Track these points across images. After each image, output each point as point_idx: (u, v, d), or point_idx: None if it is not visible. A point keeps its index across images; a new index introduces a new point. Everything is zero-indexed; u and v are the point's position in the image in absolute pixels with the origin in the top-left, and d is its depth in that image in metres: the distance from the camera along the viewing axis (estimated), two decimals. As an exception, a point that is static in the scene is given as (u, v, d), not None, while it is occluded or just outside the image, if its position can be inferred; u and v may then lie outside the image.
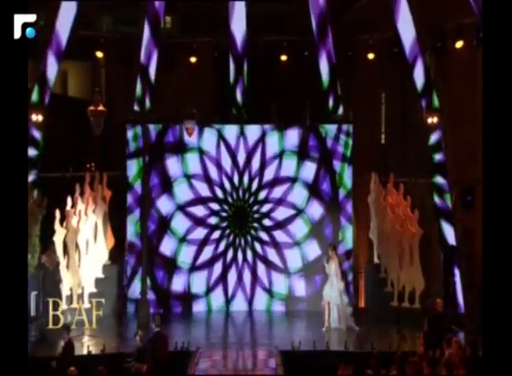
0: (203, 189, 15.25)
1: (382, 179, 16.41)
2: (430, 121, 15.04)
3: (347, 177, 15.96)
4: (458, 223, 15.03)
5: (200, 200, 14.78)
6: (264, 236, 15.02)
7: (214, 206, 15.25)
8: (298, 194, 15.47)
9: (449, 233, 15.34)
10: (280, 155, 16.03)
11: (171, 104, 16.00)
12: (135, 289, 15.65)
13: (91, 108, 14.03)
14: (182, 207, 14.94)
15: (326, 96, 16.78)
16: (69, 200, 15.30)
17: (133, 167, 15.71)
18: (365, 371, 9.00)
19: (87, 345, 12.82)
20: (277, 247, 14.56)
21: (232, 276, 14.03)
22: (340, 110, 16.89)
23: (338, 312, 14.10)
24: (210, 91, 17.05)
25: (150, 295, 13.69)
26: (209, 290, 13.58)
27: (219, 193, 15.62)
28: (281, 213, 15.05)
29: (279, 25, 17.99)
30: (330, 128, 16.17)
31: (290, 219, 14.61)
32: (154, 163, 15.05)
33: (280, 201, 14.64)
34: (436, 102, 15.02)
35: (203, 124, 16.34)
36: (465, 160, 15.12)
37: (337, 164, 16.03)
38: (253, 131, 16.23)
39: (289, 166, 15.82)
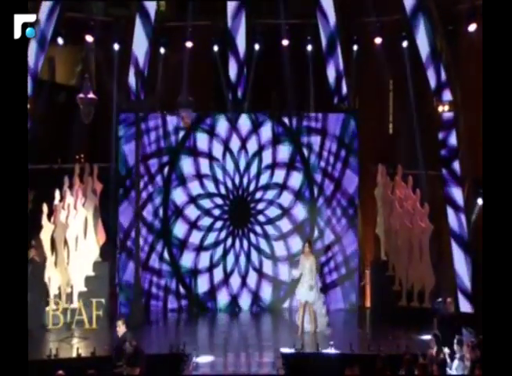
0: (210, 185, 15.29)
1: (390, 171, 16.39)
2: (441, 109, 15.03)
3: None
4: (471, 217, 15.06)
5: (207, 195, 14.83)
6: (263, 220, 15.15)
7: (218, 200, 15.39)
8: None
9: (462, 227, 15.35)
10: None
11: (166, 92, 16.03)
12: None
13: (81, 96, 14.01)
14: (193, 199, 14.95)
15: (331, 83, 16.81)
16: (57, 194, 15.31)
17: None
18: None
19: (76, 348, 12.85)
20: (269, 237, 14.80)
21: (230, 259, 14.43)
22: (345, 98, 16.91)
23: (311, 314, 13.92)
24: (208, 77, 17.03)
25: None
26: (212, 266, 13.89)
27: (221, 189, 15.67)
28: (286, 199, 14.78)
29: (281, 7, 17.91)
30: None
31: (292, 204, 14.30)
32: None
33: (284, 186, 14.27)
34: (448, 88, 15.07)
35: (200, 113, 16.31)
36: (479, 150, 15.05)
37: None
38: (251, 120, 16.23)
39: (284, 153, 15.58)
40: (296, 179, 14.10)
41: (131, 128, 15.79)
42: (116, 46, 15.68)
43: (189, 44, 16.03)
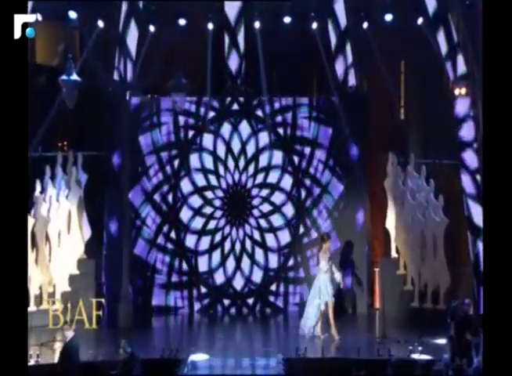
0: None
1: (401, 160, 16.41)
2: (457, 91, 14.98)
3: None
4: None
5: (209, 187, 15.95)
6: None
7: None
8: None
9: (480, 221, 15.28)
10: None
11: (158, 73, 16.01)
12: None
13: (64, 78, 13.89)
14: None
15: (336, 64, 16.81)
16: (37, 185, 15.24)
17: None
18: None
19: (59, 352, 12.71)
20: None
21: (227, 245, 15.80)
22: (352, 80, 16.85)
23: (319, 317, 14.05)
24: (203, 58, 16.78)
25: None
26: (212, 248, 15.36)
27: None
28: None
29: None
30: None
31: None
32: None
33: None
34: (465, 69, 14.97)
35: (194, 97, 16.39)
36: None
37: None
38: (251, 126, 16.52)
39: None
40: (287, 181, 15.47)
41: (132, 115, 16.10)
42: (101, 23, 15.53)
43: (182, 21, 15.86)
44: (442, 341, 12.79)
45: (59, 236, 15.74)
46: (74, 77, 13.98)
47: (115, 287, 15.93)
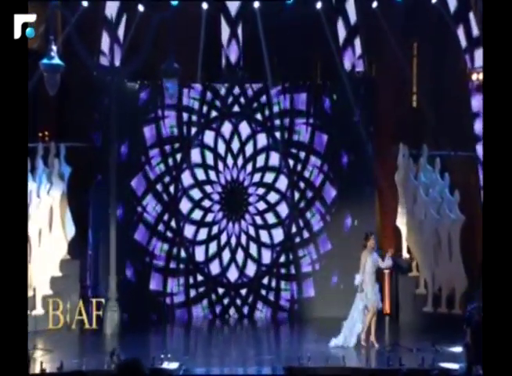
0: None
1: (413, 152, 16.45)
2: (475, 77, 15.06)
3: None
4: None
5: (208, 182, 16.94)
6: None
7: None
8: None
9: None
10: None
11: (148, 57, 15.90)
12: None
13: (45, 61, 13.74)
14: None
15: (342, 47, 16.79)
16: (16, 179, 15.19)
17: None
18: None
19: (40, 362, 12.63)
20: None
21: (223, 237, 16.89)
22: (360, 65, 16.82)
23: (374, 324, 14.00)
24: (197, 41, 16.79)
25: None
26: (210, 238, 16.54)
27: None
28: None
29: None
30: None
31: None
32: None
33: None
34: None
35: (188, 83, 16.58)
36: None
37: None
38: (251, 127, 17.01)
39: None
40: (283, 182, 16.61)
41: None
42: (85, 2, 15.51)
43: (174, 1, 15.76)
44: (458, 349, 12.78)
45: (40, 234, 15.67)
46: (56, 61, 13.83)
47: (102, 289, 15.96)
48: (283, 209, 16.71)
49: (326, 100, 16.82)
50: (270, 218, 16.76)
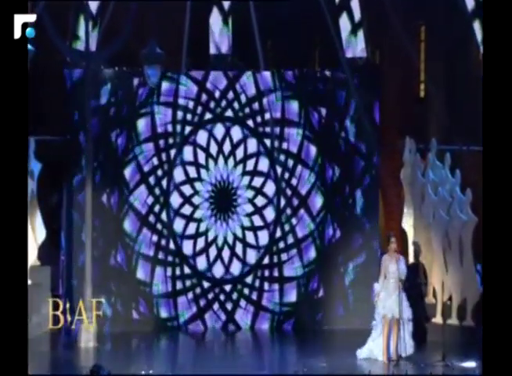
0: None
1: (420, 147, 16.54)
2: None
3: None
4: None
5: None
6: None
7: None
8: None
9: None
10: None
11: (128, 41, 15.84)
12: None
13: (14, 46, 13.61)
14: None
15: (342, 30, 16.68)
16: (-21, 176, 15.12)
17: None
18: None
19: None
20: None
21: (211, 234, 17.54)
22: (362, 50, 16.74)
23: (395, 334, 13.98)
24: (182, 24, 16.72)
25: None
26: (198, 234, 17.28)
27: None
28: None
29: None
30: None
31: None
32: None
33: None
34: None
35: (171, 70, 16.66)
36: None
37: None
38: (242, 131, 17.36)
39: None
40: (270, 188, 17.32)
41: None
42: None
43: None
44: (471, 364, 12.83)
45: (7, 237, 15.54)
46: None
47: (76, 299, 15.87)
48: (270, 213, 17.25)
49: (319, 110, 17.15)
50: (257, 220, 17.28)
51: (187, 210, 17.24)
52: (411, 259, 16.31)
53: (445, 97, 17.04)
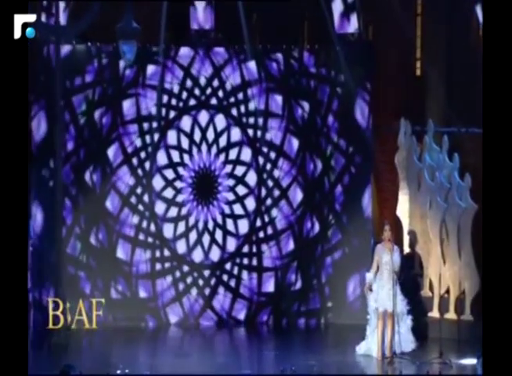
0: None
1: (416, 129, 16.50)
2: None
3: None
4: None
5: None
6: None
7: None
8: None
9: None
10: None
11: (101, 15, 15.80)
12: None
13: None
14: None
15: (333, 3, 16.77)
16: None
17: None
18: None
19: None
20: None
21: (191, 220, 18.30)
22: (354, 25, 16.77)
23: (390, 330, 14.05)
24: None
25: None
26: (178, 218, 18.07)
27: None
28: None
29: None
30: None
31: None
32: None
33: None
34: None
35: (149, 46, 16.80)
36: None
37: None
38: (221, 55, 17.50)
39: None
40: (252, 178, 18.01)
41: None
42: None
43: None
44: (470, 361, 12.81)
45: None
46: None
47: (44, 294, 16.14)
48: (251, 203, 17.91)
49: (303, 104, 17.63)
50: (237, 209, 17.88)
51: (169, 193, 17.76)
52: (406, 249, 16.35)
53: (443, 76, 16.99)
